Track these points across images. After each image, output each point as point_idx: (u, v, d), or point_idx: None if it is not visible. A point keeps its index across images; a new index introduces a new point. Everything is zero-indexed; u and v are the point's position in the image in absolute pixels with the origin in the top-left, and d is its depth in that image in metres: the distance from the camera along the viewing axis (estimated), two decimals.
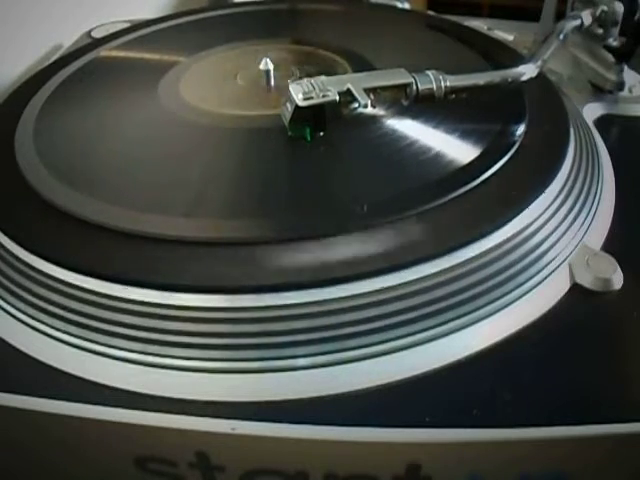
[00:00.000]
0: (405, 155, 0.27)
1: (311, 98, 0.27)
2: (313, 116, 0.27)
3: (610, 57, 0.36)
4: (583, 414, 0.20)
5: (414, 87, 0.28)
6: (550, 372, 0.21)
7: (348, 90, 0.27)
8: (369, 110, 0.29)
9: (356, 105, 0.28)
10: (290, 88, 0.27)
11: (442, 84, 0.28)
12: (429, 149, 0.27)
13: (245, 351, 0.21)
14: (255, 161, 0.28)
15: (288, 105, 0.27)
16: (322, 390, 0.20)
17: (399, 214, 0.24)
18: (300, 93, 0.27)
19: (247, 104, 0.31)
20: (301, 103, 0.27)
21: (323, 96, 0.27)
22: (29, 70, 0.44)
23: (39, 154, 0.28)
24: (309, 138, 0.28)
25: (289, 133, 0.28)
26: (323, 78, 0.28)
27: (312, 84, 0.27)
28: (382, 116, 0.29)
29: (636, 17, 0.34)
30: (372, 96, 0.28)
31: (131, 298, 0.21)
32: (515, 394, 0.20)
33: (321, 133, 0.28)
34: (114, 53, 0.39)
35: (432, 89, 0.28)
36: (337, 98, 0.27)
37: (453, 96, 0.29)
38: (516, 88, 0.31)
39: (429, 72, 0.28)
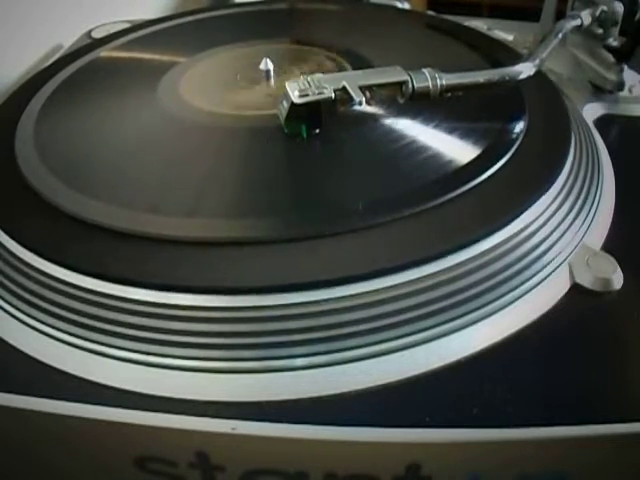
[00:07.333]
0: (403, 154, 0.27)
1: (307, 95, 0.27)
2: (309, 113, 0.27)
3: (610, 57, 0.36)
4: (583, 414, 0.20)
5: (410, 85, 0.28)
6: (550, 372, 0.21)
7: (344, 87, 0.27)
8: (366, 108, 0.29)
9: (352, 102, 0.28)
10: (286, 85, 0.27)
11: (438, 82, 0.28)
12: (428, 148, 0.27)
13: (245, 351, 0.21)
14: (255, 161, 0.28)
15: (284, 102, 0.27)
16: (322, 390, 0.20)
17: (398, 214, 0.24)
18: (296, 90, 0.27)
19: (247, 104, 0.31)
20: (297, 100, 0.27)
21: (319, 93, 0.27)
22: (29, 71, 0.44)
23: (39, 154, 0.28)
24: (305, 135, 0.28)
25: (285, 130, 0.28)
26: (319, 75, 0.28)
27: (308, 81, 0.27)
28: (380, 114, 0.29)
29: (636, 17, 0.34)
30: (368, 94, 0.28)
31: (131, 298, 0.22)
32: (515, 394, 0.20)
33: (317, 130, 0.28)
34: (114, 53, 0.39)
35: (428, 87, 0.28)
36: (333, 95, 0.27)
37: (449, 94, 0.29)
38: (516, 88, 0.31)
39: (425, 70, 0.28)
